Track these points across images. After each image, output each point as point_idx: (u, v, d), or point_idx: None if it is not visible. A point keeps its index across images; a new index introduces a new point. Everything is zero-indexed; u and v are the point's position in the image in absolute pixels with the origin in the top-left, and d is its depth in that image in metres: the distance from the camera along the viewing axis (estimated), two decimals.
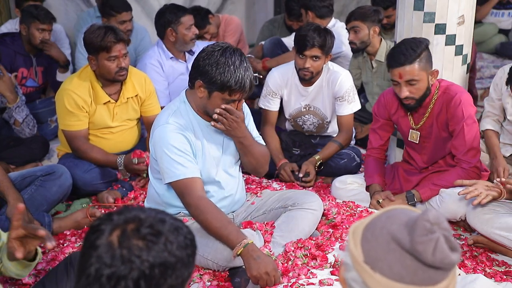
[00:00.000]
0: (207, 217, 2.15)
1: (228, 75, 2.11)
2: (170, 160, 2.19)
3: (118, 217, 1.07)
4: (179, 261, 1.06)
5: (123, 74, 2.98)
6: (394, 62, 2.57)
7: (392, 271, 0.97)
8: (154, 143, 2.27)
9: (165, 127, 2.22)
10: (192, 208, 2.18)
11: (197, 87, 2.21)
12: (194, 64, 2.22)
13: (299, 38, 3.10)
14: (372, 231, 1.02)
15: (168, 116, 2.25)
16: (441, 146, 2.80)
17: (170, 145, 2.19)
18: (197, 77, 2.19)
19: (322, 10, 4.06)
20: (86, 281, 1.03)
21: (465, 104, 2.66)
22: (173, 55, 3.64)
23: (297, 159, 3.37)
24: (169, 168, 2.20)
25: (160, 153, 2.23)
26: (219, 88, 2.15)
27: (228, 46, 2.20)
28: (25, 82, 3.90)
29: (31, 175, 2.75)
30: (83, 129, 3.02)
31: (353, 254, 1.01)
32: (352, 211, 2.68)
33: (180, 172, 2.19)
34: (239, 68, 2.13)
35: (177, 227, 1.09)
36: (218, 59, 2.13)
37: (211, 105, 2.22)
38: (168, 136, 2.20)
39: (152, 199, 2.46)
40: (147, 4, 5.32)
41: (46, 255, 2.46)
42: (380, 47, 3.72)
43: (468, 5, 2.97)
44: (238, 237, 2.10)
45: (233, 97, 2.17)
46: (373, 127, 3.00)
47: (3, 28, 4.46)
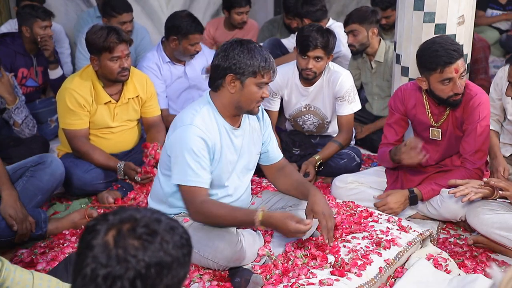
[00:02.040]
0: (214, 215, 2.17)
1: (256, 57, 2.18)
2: (185, 163, 2.18)
3: (114, 217, 1.07)
4: (175, 260, 1.06)
5: (125, 74, 2.98)
6: (449, 58, 2.51)
7: None
8: (173, 141, 2.24)
9: (189, 128, 2.20)
10: (197, 214, 2.21)
11: (228, 83, 2.21)
12: (216, 64, 2.23)
13: (301, 39, 3.09)
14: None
15: (193, 116, 2.23)
16: (454, 145, 2.80)
17: (190, 149, 2.17)
18: (225, 73, 2.20)
19: (316, 14, 4.08)
20: (82, 281, 1.03)
21: (484, 106, 2.66)
22: (170, 60, 3.65)
23: (297, 159, 3.37)
24: (181, 170, 2.20)
25: (177, 152, 2.21)
26: (252, 72, 2.18)
27: (237, 38, 2.28)
28: (25, 82, 3.91)
29: (22, 167, 2.74)
30: (83, 128, 3.02)
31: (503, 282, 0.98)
32: (352, 211, 2.67)
33: (190, 178, 2.19)
34: (260, 50, 2.21)
35: (172, 226, 1.09)
36: (241, 48, 2.18)
37: (245, 97, 2.23)
38: (189, 139, 2.18)
39: (156, 195, 2.44)
40: (147, 4, 5.32)
41: (46, 255, 2.46)
42: (379, 48, 3.72)
43: (468, 5, 2.97)
44: (248, 217, 2.14)
45: (265, 79, 2.21)
46: (388, 121, 2.96)
47: (3, 28, 4.46)
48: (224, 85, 2.22)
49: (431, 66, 2.55)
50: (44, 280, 1.57)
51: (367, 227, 2.50)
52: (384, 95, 3.88)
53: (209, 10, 5.90)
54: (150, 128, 3.28)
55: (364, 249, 2.30)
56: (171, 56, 3.65)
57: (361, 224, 2.53)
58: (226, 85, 2.22)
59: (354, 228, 2.48)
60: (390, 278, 2.27)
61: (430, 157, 2.87)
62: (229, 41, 2.24)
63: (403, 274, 2.28)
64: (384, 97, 3.89)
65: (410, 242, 2.40)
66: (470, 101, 2.66)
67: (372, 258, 2.23)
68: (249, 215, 2.14)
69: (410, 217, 2.84)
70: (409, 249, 2.38)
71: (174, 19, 3.58)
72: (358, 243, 2.36)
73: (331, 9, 5.97)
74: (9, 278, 1.53)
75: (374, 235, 2.42)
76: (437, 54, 2.52)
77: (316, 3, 4.09)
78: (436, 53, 2.53)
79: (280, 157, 2.56)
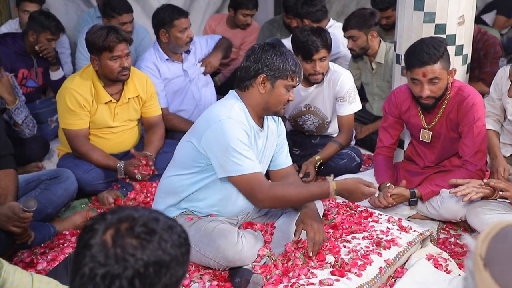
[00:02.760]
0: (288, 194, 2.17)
1: (288, 60, 2.25)
2: (238, 154, 2.16)
3: (112, 216, 1.07)
4: (174, 259, 1.06)
5: (126, 73, 2.98)
6: (418, 61, 2.54)
7: (502, 277, 0.94)
8: (211, 137, 2.19)
9: (228, 122, 2.19)
10: (269, 200, 2.19)
11: (259, 83, 2.25)
12: (247, 65, 2.26)
13: (301, 45, 3.09)
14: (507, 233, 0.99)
15: (230, 111, 2.23)
16: (449, 146, 2.80)
17: (237, 139, 2.16)
18: (257, 74, 2.24)
19: (316, 14, 4.07)
20: (80, 281, 1.03)
21: (478, 107, 2.66)
22: (168, 57, 3.64)
23: (297, 159, 3.36)
24: (233, 162, 2.16)
25: (223, 146, 2.16)
26: (283, 75, 2.24)
27: (268, 41, 2.33)
28: (26, 82, 3.91)
29: (36, 179, 2.75)
30: (83, 128, 3.02)
31: (477, 246, 1.00)
32: (352, 211, 2.67)
33: (248, 166, 2.17)
34: (291, 54, 2.29)
35: (171, 225, 1.09)
36: (274, 51, 2.24)
37: (274, 98, 2.27)
38: (233, 130, 2.17)
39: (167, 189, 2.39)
40: (147, 4, 5.32)
41: (46, 255, 2.46)
42: (379, 49, 3.72)
43: (468, 5, 2.97)
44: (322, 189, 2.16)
45: (294, 82, 2.28)
46: (383, 125, 2.98)
47: (3, 28, 4.46)
48: (254, 85, 2.26)
49: (406, 62, 2.62)
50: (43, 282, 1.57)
51: (367, 227, 2.50)
52: (384, 95, 3.88)
53: (209, 10, 5.90)
54: (150, 128, 3.28)
55: (364, 249, 2.30)
56: (168, 53, 3.64)
57: (361, 224, 2.53)
58: (256, 85, 2.26)
59: (354, 228, 2.48)
60: (390, 278, 2.27)
61: (427, 158, 2.88)
62: (260, 44, 2.30)
63: (403, 274, 2.28)
64: (385, 97, 3.88)
65: (410, 242, 2.40)
66: (464, 102, 2.66)
67: (372, 258, 2.23)
68: (322, 187, 2.16)
69: (410, 217, 2.84)
70: (409, 249, 2.38)
71: (155, 15, 3.61)
72: (358, 243, 2.36)
73: (331, 9, 5.97)
74: (8, 280, 1.53)
75: (374, 235, 2.42)
76: (412, 53, 2.58)
77: (316, 4, 4.09)
78: (413, 51, 2.58)
79: (289, 164, 2.56)
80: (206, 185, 2.30)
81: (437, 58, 2.54)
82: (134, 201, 2.95)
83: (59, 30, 3.84)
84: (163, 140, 3.27)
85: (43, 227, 2.59)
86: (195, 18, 5.65)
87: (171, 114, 3.64)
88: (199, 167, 2.27)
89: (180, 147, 2.38)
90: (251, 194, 2.22)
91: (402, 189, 2.76)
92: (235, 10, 4.71)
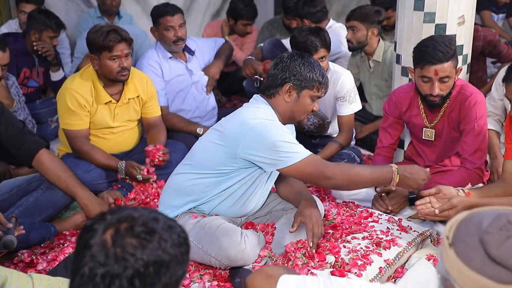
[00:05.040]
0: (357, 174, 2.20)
1: (316, 71, 2.29)
2: (288, 144, 2.16)
3: (112, 216, 1.07)
4: (173, 259, 1.06)
5: (125, 74, 2.98)
6: (432, 58, 2.51)
7: (465, 253, 0.99)
8: (252, 140, 2.16)
9: (267, 122, 2.19)
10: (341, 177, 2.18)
11: (285, 92, 2.28)
12: (275, 73, 2.29)
13: (300, 46, 3.08)
14: (473, 216, 1.05)
15: (263, 114, 2.24)
16: (451, 145, 2.80)
17: (282, 132, 2.18)
18: (285, 81, 2.27)
19: (317, 15, 4.07)
20: (80, 280, 1.03)
21: (480, 105, 2.65)
22: (172, 55, 3.63)
23: None
24: (288, 152, 2.15)
25: (271, 142, 2.14)
26: (309, 85, 2.28)
27: (296, 51, 2.40)
28: (27, 82, 3.92)
29: (37, 179, 2.74)
30: (84, 129, 3.02)
31: (446, 229, 1.05)
32: (352, 212, 2.67)
33: (302, 151, 2.18)
34: (318, 65, 2.32)
35: (170, 225, 1.09)
36: (302, 61, 2.28)
37: (299, 107, 2.30)
38: (275, 128, 2.19)
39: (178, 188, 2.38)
40: (147, 4, 5.32)
41: (46, 255, 2.46)
42: (377, 48, 3.73)
43: (468, 5, 2.97)
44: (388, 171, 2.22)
45: (320, 93, 2.32)
46: (383, 125, 2.98)
47: (3, 28, 4.46)
48: (280, 93, 2.29)
49: (417, 59, 2.58)
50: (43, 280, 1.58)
51: (367, 227, 2.50)
52: (382, 94, 3.88)
53: (209, 10, 5.90)
54: (151, 129, 3.28)
55: (364, 249, 2.30)
56: (168, 50, 3.64)
57: (361, 224, 2.53)
58: (282, 93, 2.29)
59: (354, 228, 2.48)
60: (390, 278, 2.27)
61: (427, 158, 2.88)
62: (289, 53, 2.34)
63: (403, 274, 2.28)
64: (383, 97, 3.88)
65: (410, 242, 2.40)
66: (466, 101, 2.66)
67: (372, 258, 2.23)
68: (387, 169, 2.23)
69: (410, 217, 2.84)
70: (409, 249, 2.38)
71: (151, 12, 3.60)
72: (358, 243, 2.36)
73: (331, 9, 5.97)
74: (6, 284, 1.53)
75: (374, 235, 2.42)
76: (424, 50, 2.55)
77: (317, 4, 4.09)
78: (425, 49, 2.54)
79: None
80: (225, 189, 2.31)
81: (450, 56, 2.52)
82: (134, 201, 2.95)
83: (60, 27, 3.86)
84: (166, 140, 3.27)
85: (44, 227, 2.59)
86: (195, 18, 5.66)
87: (170, 114, 3.63)
88: (227, 171, 2.27)
89: (201, 148, 2.35)
90: (317, 175, 2.18)
91: (399, 188, 2.76)
92: (235, 20, 4.70)
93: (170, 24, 3.51)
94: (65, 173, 2.66)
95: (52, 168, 2.64)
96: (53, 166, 2.64)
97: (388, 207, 2.72)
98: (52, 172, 2.64)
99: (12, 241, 2.27)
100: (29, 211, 2.62)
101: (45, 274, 1.94)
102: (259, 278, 1.31)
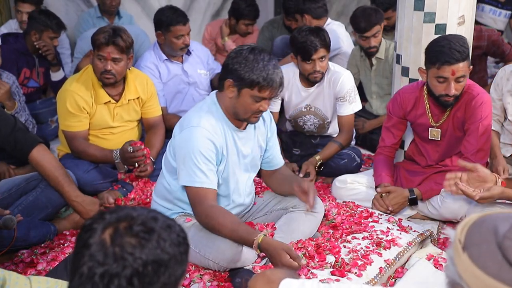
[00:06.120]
0: (218, 222, 2.14)
1: (257, 71, 2.13)
2: (194, 165, 2.17)
3: (110, 215, 1.07)
4: (172, 258, 1.06)
5: (108, 77, 2.94)
6: (450, 58, 2.47)
7: (480, 258, 0.97)
8: (180, 142, 2.22)
9: (196, 130, 2.19)
10: (203, 216, 2.19)
11: (226, 87, 2.21)
12: (224, 64, 2.24)
13: (300, 46, 3.09)
14: (485, 220, 1.02)
15: (200, 117, 2.22)
16: (454, 145, 2.80)
17: (198, 151, 2.16)
18: (226, 77, 2.20)
19: (318, 11, 4.08)
20: (79, 280, 1.03)
21: (486, 106, 2.65)
22: (167, 57, 3.64)
23: (297, 159, 3.37)
24: (189, 173, 2.18)
25: (184, 154, 2.19)
26: (248, 84, 2.15)
27: (255, 46, 2.24)
28: (27, 82, 3.92)
29: (36, 178, 2.74)
30: (83, 130, 3.02)
31: (457, 233, 1.03)
32: (352, 212, 2.67)
33: (199, 180, 2.18)
34: (267, 65, 2.15)
35: (169, 224, 1.09)
36: (247, 57, 2.16)
37: (240, 105, 2.21)
38: (198, 141, 2.17)
39: (161, 193, 2.43)
40: (147, 4, 5.32)
41: (46, 255, 2.46)
42: (380, 45, 3.75)
43: (468, 5, 2.97)
44: (249, 236, 2.10)
45: (262, 94, 2.17)
46: (386, 125, 2.96)
47: (3, 29, 4.47)
48: (225, 88, 2.23)
49: (431, 59, 2.54)
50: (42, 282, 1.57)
51: (367, 227, 2.50)
52: (383, 93, 3.88)
53: (209, 10, 5.89)
54: (151, 129, 3.28)
55: (364, 249, 2.30)
56: (167, 53, 3.64)
57: (361, 224, 2.53)
58: (225, 88, 2.22)
59: (354, 228, 2.48)
60: (390, 278, 2.27)
61: (430, 157, 2.88)
62: (245, 46, 2.23)
63: (403, 275, 2.28)
64: (383, 95, 3.89)
65: (410, 242, 2.40)
66: (472, 101, 2.65)
67: (372, 258, 2.23)
68: (250, 234, 2.10)
69: (410, 217, 2.84)
70: (409, 249, 2.38)
71: (157, 14, 3.59)
72: (358, 243, 2.36)
73: (331, 9, 5.97)
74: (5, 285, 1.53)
75: (374, 235, 2.42)
76: (440, 50, 2.51)
77: (318, 0, 4.10)
78: (441, 48, 2.51)
79: (281, 164, 2.58)
80: None
81: (466, 55, 2.51)
82: (134, 201, 2.95)
83: (60, 27, 3.86)
84: (164, 141, 3.27)
85: (44, 226, 2.59)
86: (195, 18, 5.65)
87: (169, 114, 3.64)
88: None
89: (167, 150, 2.39)
90: (193, 207, 2.22)
91: (400, 189, 2.76)
92: (237, 20, 4.70)
93: (181, 34, 3.52)
94: (57, 171, 2.63)
95: (43, 166, 2.62)
96: (44, 164, 2.62)
97: (388, 207, 2.72)
98: (43, 169, 2.62)
99: (12, 219, 2.29)
100: (28, 210, 2.62)
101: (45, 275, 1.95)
102: (261, 282, 1.30)
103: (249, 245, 2.10)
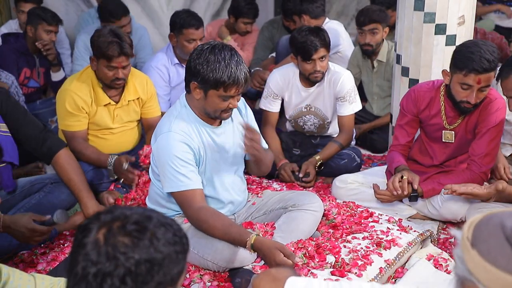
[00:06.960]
0: (209, 225, 2.16)
1: (220, 71, 2.10)
2: (173, 171, 2.18)
3: (106, 215, 1.08)
4: (166, 257, 1.06)
5: (119, 83, 2.97)
6: (478, 67, 2.40)
7: (489, 253, 0.99)
8: (156, 151, 2.26)
9: (168, 136, 2.20)
10: (193, 219, 2.21)
11: (193, 89, 2.20)
12: (187, 67, 2.22)
13: (300, 46, 3.08)
14: (491, 217, 1.04)
15: (170, 123, 2.23)
16: (463, 147, 2.78)
17: (174, 156, 2.17)
18: (191, 79, 2.19)
19: (316, 10, 4.08)
20: (74, 279, 1.04)
21: (501, 112, 2.63)
22: (178, 61, 3.63)
23: (297, 159, 3.36)
24: (171, 178, 2.19)
25: (162, 161, 2.21)
26: (213, 85, 2.13)
27: (216, 43, 2.19)
28: (27, 82, 3.92)
29: (40, 181, 2.74)
30: (82, 130, 3.02)
31: (464, 231, 1.05)
32: (353, 211, 2.67)
33: (182, 184, 2.19)
34: (230, 63, 2.12)
35: (164, 223, 1.09)
36: (208, 57, 2.12)
37: (208, 105, 2.21)
38: (171, 146, 2.18)
39: (154, 199, 2.46)
40: (147, 4, 5.32)
41: (46, 256, 2.46)
42: (382, 47, 3.74)
43: (468, 5, 2.97)
44: (241, 237, 2.11)
45: (228, 93, 2.15)
46: (399, 123, 2.90)
47: (3, 29, 4.47)
48: (191, 90, 2.22)
49: (459, 65, 2.47)
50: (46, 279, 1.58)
51: (368, 227, 2.50)
52: (384, 95, 3.88)
53: (209, 10, 5.89)
54: (150, 129, 3.27)
55: (364, 250, 2.30)
56: (178, 57, 3.63)
57: (362, 224, 2.53)
58: (192, 90, 2.22)
59: (354, 228, 2.48)
60: (390, 279, 2.27)
61: (436, 158, 2.86)
62: (206, 44, 2.19)
63: (403, 275, 2.28)
64: (384, 97, 3.89)
65: (411, 243, 2.40)
66: (489, 105, 2.62)
67: (372, 259, 2.23)
68: (242, 235, 2.11)
69: (410, 217, 2.84)
70: (409, 249, 2.38)
71: (173, 16, 3.58)
72: (359, 243, 2.36)
73: (331, 9, 5.96)
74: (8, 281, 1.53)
75: (375, 235, 2.42)
76: (470, 57, 2.43)
77: (316, 0, 4.11)
78: (470, 55, 2.43)
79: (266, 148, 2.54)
80: None
81: (495, 66, 2.45)
82: (134, 201, 2.95)
83: (55, 20, 3.85)
84: None
85: None
86: None
87: None
88: None
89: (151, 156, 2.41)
90: (183, 211, 2.24)
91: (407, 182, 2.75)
92: (236, 18, 4.71)
93: (193, 38, 3.48)
94: (77, 177, 2.64)
95: (67, 170, 2.63)
96: (68, 168, 2.63)
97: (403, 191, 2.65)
98: (65, 173, 2.63)
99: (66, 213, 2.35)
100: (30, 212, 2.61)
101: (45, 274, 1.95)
102: (266, 280, 1.30)
103: (242, 245, 2.11)
